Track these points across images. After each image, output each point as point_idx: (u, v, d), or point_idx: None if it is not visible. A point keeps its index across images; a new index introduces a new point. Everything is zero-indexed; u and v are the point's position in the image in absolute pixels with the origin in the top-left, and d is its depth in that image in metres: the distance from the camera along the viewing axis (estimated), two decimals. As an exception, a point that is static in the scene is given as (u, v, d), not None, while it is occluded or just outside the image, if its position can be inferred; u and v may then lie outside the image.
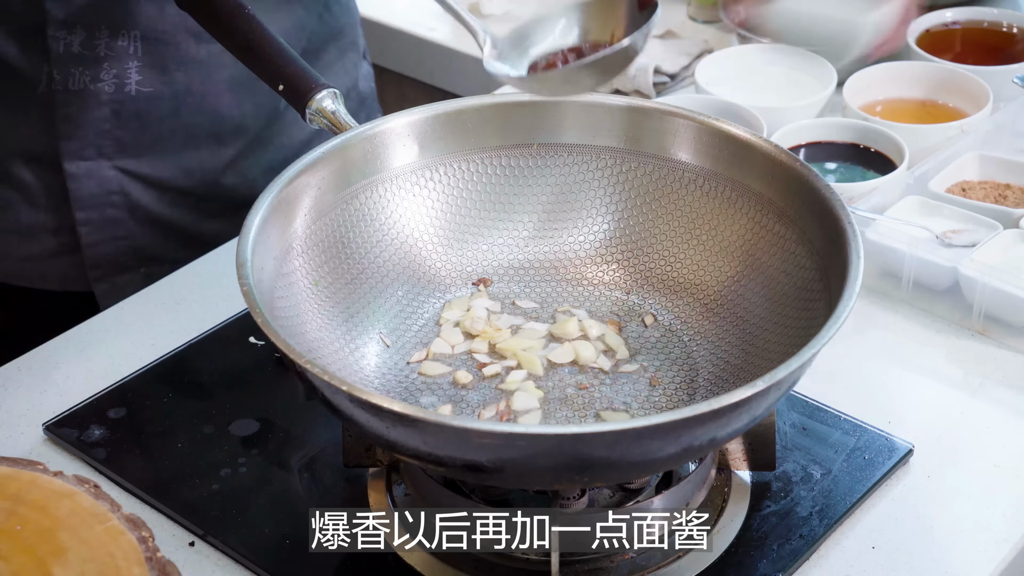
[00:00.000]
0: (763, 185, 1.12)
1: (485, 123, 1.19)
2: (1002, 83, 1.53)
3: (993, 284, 1.25)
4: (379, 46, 1.90)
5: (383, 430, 0.93)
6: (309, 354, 1.05)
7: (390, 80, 1.93)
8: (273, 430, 1.18)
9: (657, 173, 1.18)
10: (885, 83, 1.57)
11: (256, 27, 1.18)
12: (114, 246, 1.45)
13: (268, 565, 1.06)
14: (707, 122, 1.16)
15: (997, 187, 1.40)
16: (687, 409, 0.90)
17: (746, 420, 0.95)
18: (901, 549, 1.07)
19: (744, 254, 1.14)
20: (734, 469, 1.11)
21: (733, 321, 1.13)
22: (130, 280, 1.46)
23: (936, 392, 1.22)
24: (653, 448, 0.93)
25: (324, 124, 1.15)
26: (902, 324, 1.30)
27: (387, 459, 1.11)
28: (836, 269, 1.02)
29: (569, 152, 1.20)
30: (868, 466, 1.12)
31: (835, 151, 1.47)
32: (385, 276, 1.16)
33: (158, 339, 1.29)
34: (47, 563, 0.97)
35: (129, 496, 1.12)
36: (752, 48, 1.65)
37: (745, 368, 1.09)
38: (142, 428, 1.19)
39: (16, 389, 1.24)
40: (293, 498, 1.12)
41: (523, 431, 0.90)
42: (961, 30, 1.69)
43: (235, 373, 1.25)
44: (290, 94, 1.16)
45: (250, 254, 1.02)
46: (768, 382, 0.91)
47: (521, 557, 1.04)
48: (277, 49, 1.18)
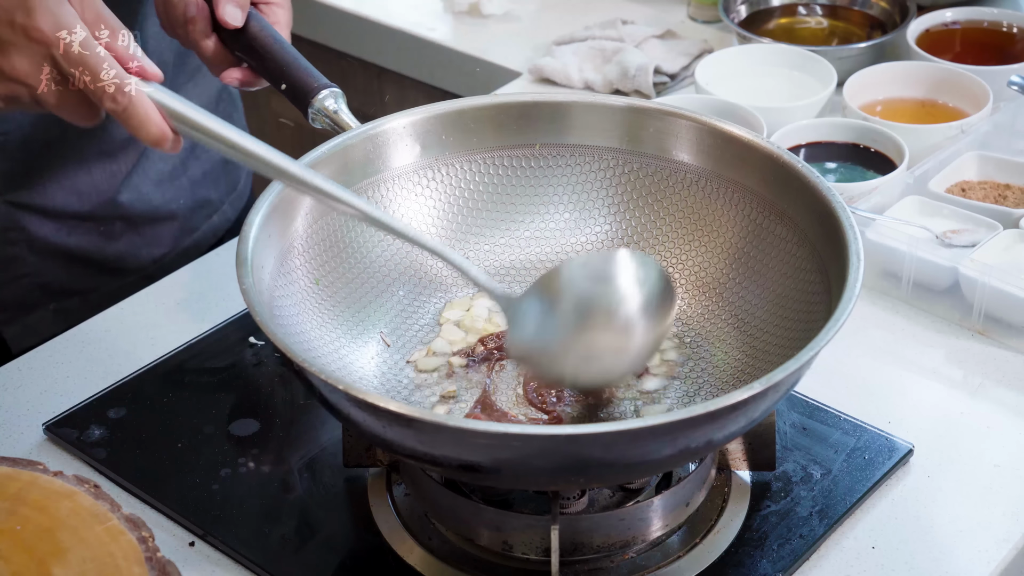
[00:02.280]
0: (763, 186, 1.12)
1: (486, 123, 1.19)
2: (1002, 83, 1.53)
3: (993, 284, 1.25)
4: (379, 46, 1.90)
5: (379, 429, 0.93)
6: (308, 353, 1.05)
7: (390, 80, 1.93)
8: (273, 430, 1.18)
9: (657, 173, 1.18)
10: (885, 83, 1.57)
11: (260, 28, 1.19)
12: (17, 285, 1.39)
13: (268, 565, 1.06)
14: (707, 122, 1.16)
15: (997, 187, 1.40)
16: (683, 411, 0.89)
17: (743, 423, 0.95)
18: (901, 549, 1.07)
19: (744, 255, 1.14)
20: (734, 469, 1.11)
21: (734, 323, 1.13)
22: (40, 318, 1.41)
23: (936, 392, 1.22)
24: (649, 450, 0.93)
25: (326, 124, 1.15)
26: (902, 324, 1.30)
27: (387, 459, 1.11)
28: (836, 272, 1.02)
29: (569, 152, 1.20)
30: (868, 466, 1.12)
31: (835, 151, 1.47)
32: (386, 276, 1.17)
33: (158, 339, 1.29)
34: (47, 563, 0.97)
35: (129, 496, 1.13)
36: (752, 48, 1.65)
37: (746, 371, 1.09)
38: (142, 428, 1.19)
39: (16, 389, 1.24)
40: (293, 498, 1.12)
41: (518, 431, 0.90)
42: (961, 30, 1.69)
43: (235, 373, 1.25)
44: (292, 94, 1.16)
45: (250, 253, 1.02)
46: (764, 385, 0.91)
47: (521, 557, 1.04)
48: (280, 50, 1.18)
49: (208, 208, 1.51)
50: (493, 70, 1.77)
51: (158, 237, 1.47)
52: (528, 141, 1.20)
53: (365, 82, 1.95)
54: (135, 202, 1.43)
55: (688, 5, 1.85)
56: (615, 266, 1.03)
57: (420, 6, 1.91)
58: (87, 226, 1.41)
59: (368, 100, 1.97)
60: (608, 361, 1.03)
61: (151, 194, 1.44)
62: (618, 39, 1.73)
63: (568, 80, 1.69)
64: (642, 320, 1.02)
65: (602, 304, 1.02)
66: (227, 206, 1.54)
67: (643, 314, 1.02)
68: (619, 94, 1.65)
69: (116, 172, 1.41)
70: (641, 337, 1.02)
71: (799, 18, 1.77)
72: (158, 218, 1.46)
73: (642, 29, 1.76)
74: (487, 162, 1.20)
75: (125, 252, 1.44)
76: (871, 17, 1.74)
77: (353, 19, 1.92)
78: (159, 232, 1.46)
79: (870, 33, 1.72)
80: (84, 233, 1.41)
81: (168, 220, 1.47)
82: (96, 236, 1.42)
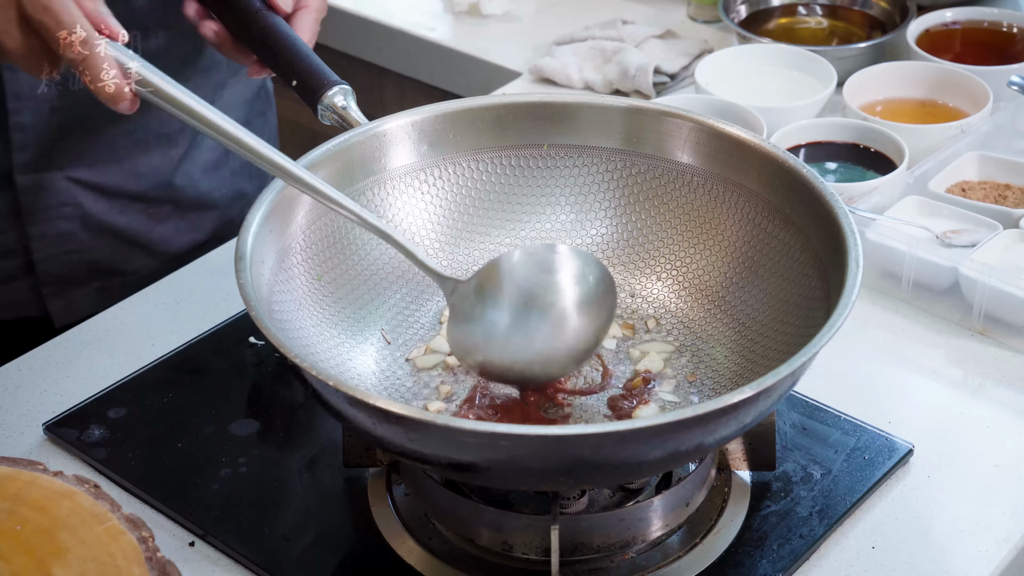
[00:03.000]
0: (765, 188, 1.12)
1: (486, 124, 1.18)
2: (1002, 83, 1.53)
3: (993, 284, 1.25)
4: (379, 46, 1.90)
5: (370, 426, 0.93)
6: (306, 350, 1.05)
7: (390, 80, 1.93)
8: (273, 430, 1.18)
9: (657, 174, 1.18)
10: (885, 83, 1.57)
11: (272, 24, 1.20)
12: (67, 260, 1.43)
13: (268, 565, 1.06)
14: (707, 123, 1.15)
15: (997, 187, 1.40)
16: (672, 414, 0.89)
17: (735, 427, 0.94)
18: (901, 549, 1.07)
19: (746, 258, 1.14)
20: (734, 469, 1.11)
21: (734, 326, 1.13)
22: (84, 295, 1.44)
23: (936, 392, 1.22)
24: (639, 452, 0.92)
25: (335, 120, 1.16)
26: (902, 324, 1.30)
27: (387, 459, 1.11)
28: (835, 278, 1.01)
29: (569, 153, 1.20)
30: (868, 466, 1.12)
31: (835, 151, 1.47)
32: (388, 274, 1.16)
33: (158, 339, 1.29)
34: (47, 563, 0.97)
35: (129, 496, 1.13)
36: (752, 48, 1.65)
37: (744, 374, 1.09)
38: (142, 428, 1.19)
39: (16, 389, 1.24)
40: (293, 498, 1.12)
41: (506, 431, 0.89)
42: (961, 30, 1.69)
43: (235, 373, 1.25)
44: (303, 90, 1.17)
45: (250, 249, 1.02)
46: (755, 389, 0.90)
47: (521, 557, 1.04)
48: (292, 46, 1.19)
49: (244, 200, 1.54)
50: (493, 70, 1.77)
51: (200, 223, 1.51)
52: (532, 141, 1.19)
53: (365, 82, 1.95)
54: (186, 187, 1.47)
55: (688, 5, 1.85)
56: (557, 259, 1.06)
57: (420, 6, 1.92)
58: (138, 207, 1.45)
59: (368, 100, 1.97)
60: (550, 350, 1.05)
61: (200, 180, 1.48)
62: (618, 39, 1.73)
63: (568, 80, 1.69)
64: (583, 310, 1.05)
65: (545, 293, 1.05)
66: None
67: (583, 305, 1.05)
68: (619, 94, 1.65)
69: (173, 156, 1.45)
70: (582, 327, 1.05)
71: (799, 18, 1.77)
72: (203, 205, 1.50)
73: (642, 29, 1.76)
74: (488, 162, 1.19)
75: (168, 236, 1.48)
76: (871, 17, 1.74)
77: (353, 19, 1.92)
78: (202, 219, 1.51)
79: (870, 33, 1.72)
80: (135, 213, 1.45)
81: (210, 208, 1.51)
82: (145, 217, 1.46)
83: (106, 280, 1.46)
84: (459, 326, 1.07)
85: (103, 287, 1.45)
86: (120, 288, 1.43)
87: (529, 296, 1.06)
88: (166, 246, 1.48)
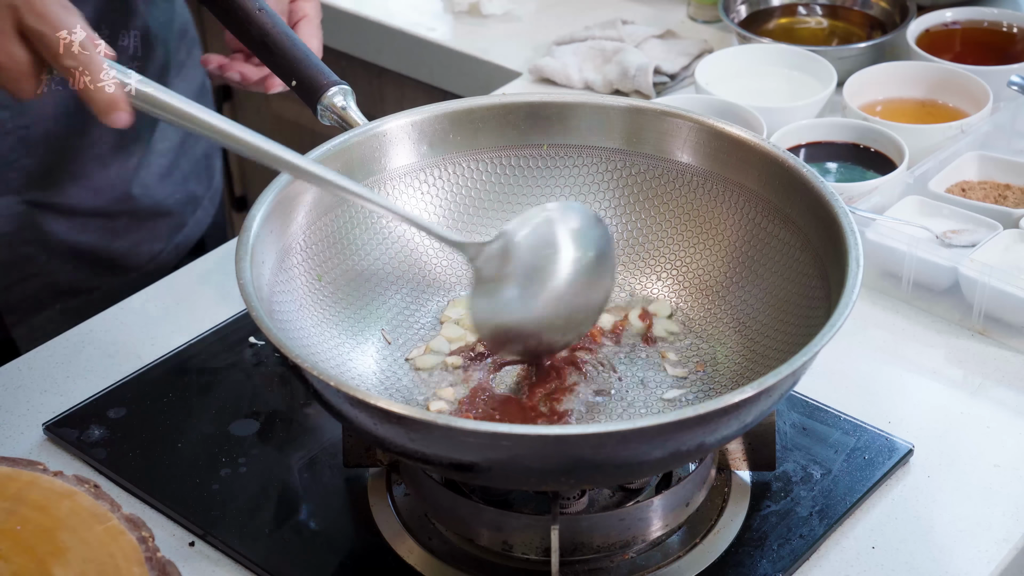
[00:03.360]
0: (765, 188, 1.12)
1: (486, 124, 1.18)
2: (1002, 83, 1.53)
3: (993, 284, 1.25)
4: (379, 46, 1.90)
5: (371, 426, 0.93)
6: (307, 350, 1.05)
7: (390, 80, 1.93)
8: (273, 430, 1.18)
9: (657, 174, 1.18)
10: (885, 83, 1.57)
11: (271, 25, 1.20)
12: (27, 285, 1.41)
13: (268, 565, 1.06)
14: (707, 122, 1.15)
15: (997, 187, 1.40)
16: (673, 413, 0.89)
17: (735, 427, 0.94)
18: (901, 549, 1.07)
19: (746, 257, 1.14)
20: (734, 469, 1.11)
21: (735, 326, 1.13)
22: (48, 318, 1.43)
23: (936, 392, 1.22)
24: (640, 452, 0.92)
25: (334, 120, 1.16)
26: (902, 324, 1.30)
27: (387, 459, 1.11)
28: (836, 277, 1.01)
29: (568, 153, 1.20)
30: (868, 466, 1.12)
31: (835, 151, 1.47)
32: (389, 274, 1.17)
33: (158, 339, 1.29)
34: (47, 563, 0.97)
35: (129, 496, 1.13)
36: (752, 48, 1.65)
37: (745, 374, 1.09)
38: (142, 428, 1.19)
39: (16, 389, 1.24)
40: (293, 498, 1.12)
41: (507, 431, 0.89)
42: (961, 30, 1.69)
43: (235, 373, 1.25)
44: (302, 90, 1.17)
45: (250, 249, 1.02)
46: (756, 389, 0.90)
47: (521, 557, 1.04)
48: (291, 46, 1.19)
49: (194, 203, 1.54)
50: (493, 70, 1.77)
51: (156, 232, 1.49)
52: (532, 141, 1.19)
53: (365, 82, 1.95)
54: (142, 196, 1.45)
55: (688, 5, 1.85)
56: (573, 214, 1.07)
57: (420, 6, 1.92)
58: (97, 222, 1.43)
59: (368, 100, 1.97)
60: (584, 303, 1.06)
61: (155, 188, 1.46)
62: (618, 39, 1.73)
63: (568, 80, 1.69)
64: (602, 264, 1.07)
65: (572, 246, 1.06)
66: (207, 200, 1.57)
67: (602, 258, 1.07)
68: (619, 94, 1.65)
69: (129, 166, 1.43)
70: (606, 279, 1.07)
71: (799, 18, 1.77)
72: (159, 213, 1.48)
73: (642, 29, 1.76)
74: (488, 162, 1.19)
75: (128, 249, 1.46)
76: (871, 17, 1.74)
77: (353, 19, 1.92)
78: (158, 227, 1.49)
79: (870, 33, 1.72)
80: (94, 230, 1.43)
81: (165, 215, 1.49)
82: (104, 233, 1.44)
83: (68, 301, 1.44)
84: (485, 288, 1.05)
85: (65, 308, 1.43)
86: (84, 307, 1.41)
87: (557, 249, 1.05)
88: (125, 260, 1.46)
